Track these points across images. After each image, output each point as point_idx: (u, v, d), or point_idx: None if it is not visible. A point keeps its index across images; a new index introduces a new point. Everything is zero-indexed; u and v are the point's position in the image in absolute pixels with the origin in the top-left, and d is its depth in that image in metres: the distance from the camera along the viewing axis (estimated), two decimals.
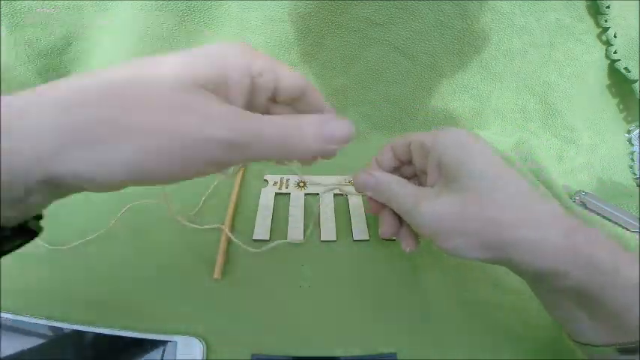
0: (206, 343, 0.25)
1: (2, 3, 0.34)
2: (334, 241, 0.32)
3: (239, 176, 0.37)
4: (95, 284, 0.28)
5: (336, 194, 0.36)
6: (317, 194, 0.36)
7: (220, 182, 0.36)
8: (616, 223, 0.36)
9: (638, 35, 0.39)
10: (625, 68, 0.40)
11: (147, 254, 0.30)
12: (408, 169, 0.27)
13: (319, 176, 0.37)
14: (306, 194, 0.36)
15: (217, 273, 0.28)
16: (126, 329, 0.25)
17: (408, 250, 0.26)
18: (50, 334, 0.24)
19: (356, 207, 0.35)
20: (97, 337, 0.24)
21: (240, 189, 0.36)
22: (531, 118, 0.44)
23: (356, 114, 0.43)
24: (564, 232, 0.19)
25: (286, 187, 0.37)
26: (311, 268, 0.30)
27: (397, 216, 0.26)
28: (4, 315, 0.24)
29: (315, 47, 0.39)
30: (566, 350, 0.25)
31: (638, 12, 0.38)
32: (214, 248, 0.30)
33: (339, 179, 0.38)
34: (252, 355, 0.25)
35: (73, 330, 0.24)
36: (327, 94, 0.42)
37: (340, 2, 0.36)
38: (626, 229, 0.35)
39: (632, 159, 0.44)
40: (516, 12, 0.37)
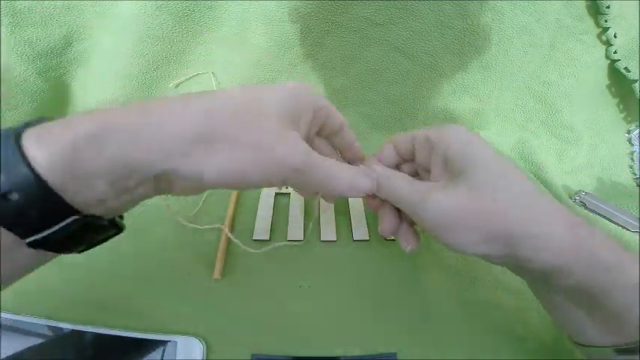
0: (206, 343, 0.25)
1: (2, 3, 0.34)
2: (334, 241, 0.32)
3: None
4: (95, 284, 0.28)
5: None
6: (317, 194, 0.36)
7: None
8: (616, 223, 0.36)
9: (638, 35, 0.39)
10: (625, 68, 0.40)
11: (147, 254, 0.30)
12: (407, 167, 0.27)
13: None
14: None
15: (217, 273, 0.28)
16: (126, 329, 0.25)
17: (409, 249, 0.25)
18: (50, 334, 0.24)
19: (356, 207, 0.35)
20: (97, 337, 0.24)
21: None
22: (531, 118, 0.44)
23: (356, 114, 0.43)
24: (569, 229, 0.19)
25: (286, 187, 0.36)
26: (311, 268, 0.30)
27: (397, 213, 0.26)
28: (4, 315, 0.24)
29: (315, 47, 0.39)
30: (566, 350, 0.25)
31: (638, 12, 0.38)
32: (214, 248, 0.30)
33: None
34: (252, 355, 0.25)
35: (73, 330, 0.24)
36: (327, 94, 0.42)
37: (340, 2, 0.35)
38: (626, 229, 0.35)
39: (632, 159, 0.44)
40: (516, 12, 0.37)
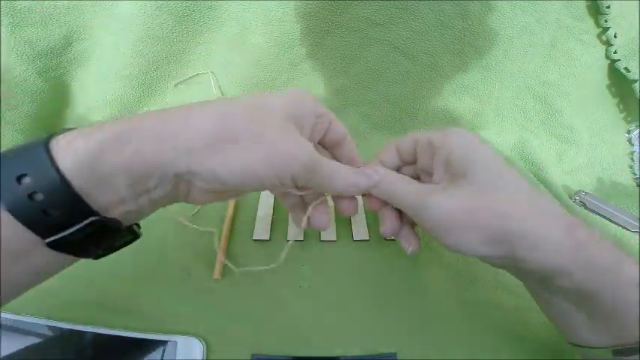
0: (206, 343, 0.25)
1: (2, 3, 0.34)
2: (334, 241, 0.32)
3: None
4: (95, 284, 0.28)
5: None
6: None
7: None
8: (616, 223, 0.36)
9: (638, 35, 0.39)
10: (625, 68, 0.40)
11: (147, 254, 0.30)
12: (408, 170, 0.27)
13: None
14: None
15: (217, 273, 0.28)
16: (126, 329, 0.25)
17: (410, 250, 0.25)
18: (50, 334, 0.24)
19: None
20: (97, 337, 0.24)
21: None
22: (531, 118, 0.44)
23: (356, 114, 0.43)
24: (566, 229, 0.19)
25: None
26: (311, 268, 0.30)
27: (398, 215, 0.26)
28: (4, 315, 0.24)
29: (315, 47, 0.39)
30: (566, 350, 0.25)
31: (638, 12, 0.38)
32: (214, 248, 0.30)
33: None
34: (252, 355, 0.25)
35: (73, 330, 0.24)
36: (327, 94, 0.42)
37: (340, 2, 0.35)
38: (626, 229, 0.35)
39: (632, 159, 0.44)
40: (517, 12, 0.37)
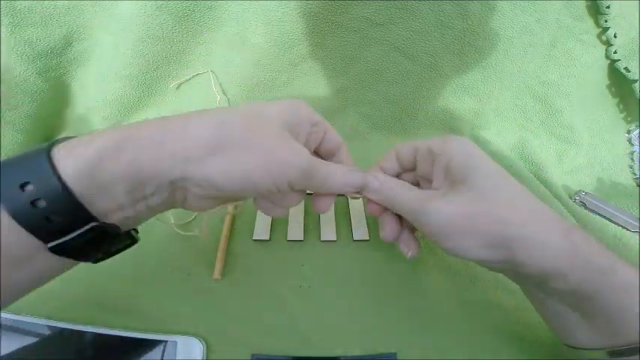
0: (206, 343, 0.25)
1: (2, 3, 0.34)
2: (334, 241, 0.32)
3: None
4: (95, 284, 0.28)
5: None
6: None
7: None
8: (616, 223, 0.36)
9: (638, 35, 0.39)
10: (625, 68, 0.40)
11: (147, 254, 0.30)
12: (408, 177, 0.27)
13: None
14: (306, 194, 0.36)
15: (217, 273, 0.28)
16: (126, 329, 0.25)
17: (410, 255, 0.25)
18: (50, 334, 0.24)
19: (356, 207, 0.35)
20: (97, 337, 0.24)
21: None
22: (531, 118, 0.44)
23: (356, 114, 0.43)
24: (564, 233, 0.19)
25: None
26: (311, 268, 0.30)
27: (398, 220, 0.26)
28: (4, 315, 0.24)
29: (315, 47, 0.39)
30: (565, 351, 0.25)
31: (638, 12, 0.38)
32: (214, 248, 0.30)
33: None
34: (252, 355, 0.25)
35: (73, 330, 0.24)
36: (327, 94, 0.42)
37: (340, 2, 0.35)
38: (626, 229, 0.35)
39: (632, 159, 0.44)
40: (517, 12, 0.37)
